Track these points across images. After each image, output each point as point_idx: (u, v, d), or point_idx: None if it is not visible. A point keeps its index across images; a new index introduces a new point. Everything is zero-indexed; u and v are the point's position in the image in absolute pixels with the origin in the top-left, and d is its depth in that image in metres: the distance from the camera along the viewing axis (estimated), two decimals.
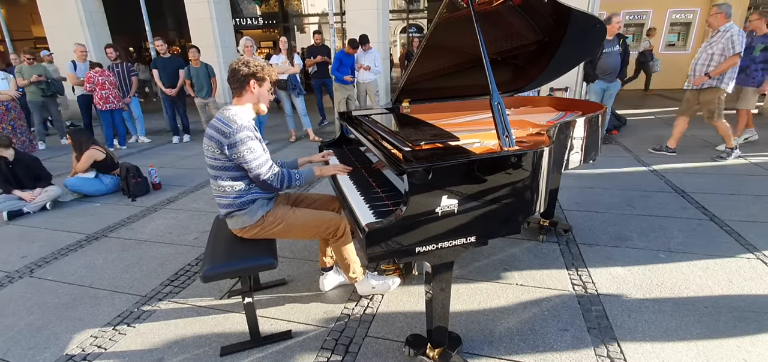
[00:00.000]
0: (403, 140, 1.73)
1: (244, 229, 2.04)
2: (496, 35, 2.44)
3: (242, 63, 1.97)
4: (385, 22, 8.82)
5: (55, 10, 9.29)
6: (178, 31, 14.87)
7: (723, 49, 4.43)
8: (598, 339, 2.02)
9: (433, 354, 1.84)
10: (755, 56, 4.94)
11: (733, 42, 4.35)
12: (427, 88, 2.73)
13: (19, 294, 2.64)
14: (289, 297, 2.49)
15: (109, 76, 6.26)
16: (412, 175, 1.45)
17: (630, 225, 3.25)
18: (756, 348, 1.93)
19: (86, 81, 6.16)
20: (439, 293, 1.72)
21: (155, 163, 5.06)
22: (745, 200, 3.63)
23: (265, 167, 1.95)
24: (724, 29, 4.47)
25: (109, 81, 6.24)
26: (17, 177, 4.02)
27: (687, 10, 11.02)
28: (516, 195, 1.63)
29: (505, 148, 1.67)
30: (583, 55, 2.93)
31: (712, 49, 4.55)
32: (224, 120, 1.89)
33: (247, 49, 5.71)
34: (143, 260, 3.00)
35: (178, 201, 4.22)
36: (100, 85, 6.16)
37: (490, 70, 1.80)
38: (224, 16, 9.48)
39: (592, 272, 2.60)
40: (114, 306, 2.46)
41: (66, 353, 2.08)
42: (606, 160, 4.96)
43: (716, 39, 4.53)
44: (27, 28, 13.97)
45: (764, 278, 2.47)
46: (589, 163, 2.57)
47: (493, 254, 2.84)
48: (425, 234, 1.53)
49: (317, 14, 14.70)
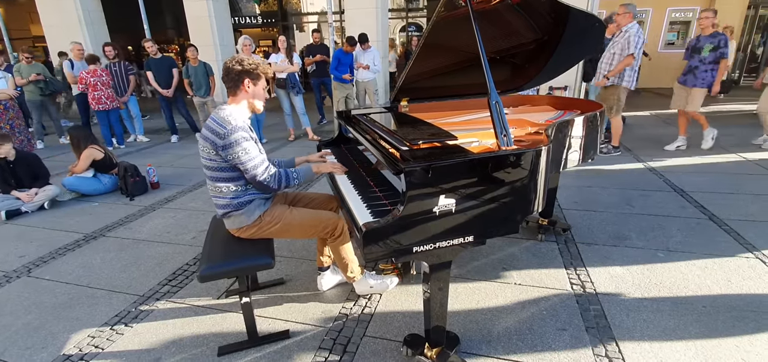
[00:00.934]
0: (400, 139, 1.72)
1: (242, 229, 2.04)
2: (494, 34, 2.43)
3: (236, 61, 1.95)
4: (384, 20, 8.80)
5: (54, 9, 9.26)
6: (176, 30, 14.83)
7: (622, 48, 4.57)
8: (596, 339, 2.02)
9: (431, 354, 1.84)
10: (704, 57, 4.86)
11: (628, 42, 4.50)
12: (425, 86, 2.72)
13: (16, 293, 2.63)
14: (287, 296, 2.48)
15: (101, 76, 6.19)
16: (410, 175, 1.45)
17: (629, 224, 3.24)
18: (754, 347, 1.93)
19: (79, 81, 6.14)
20: (437, 292, 1.71)
21: (153, 162, 5.05)
22: (744, 199, 3.63)
23: (260, 168, 1.94)
24: (625, 29, 4.59)
25: (101, 81, 6.16)
26: (17, 175, 4.02)
27: (686, 9, 11.01)
28: (514, 195, 1.62)
29: (503, 147, 1.66)
30: (582, 53, 2.93)
31: (613, 48, 4.70)
32: (219, 120, 1.87)
33: (246, 48, 5.70)
34: (141, 260, 3.00)
35: (176, 201, 4.21)
36: (92, 85, 6.11)
37: (488, 69, 1.79)
38: (223, 15, 9.46)
39: (591, 271, 2.60)
40: (111, 306, 2.45)
41: (63, 353, 2.07)
42: (605, 159, 4.96)
43: (618, 39, 4.67)
44: (25, 27, 13.95)
45: (763, 277, 2.47)
46: (587, 161, 2.57)
47: (491, 253, 2.84)
48: (423, 233, 1.52)
49: (316, 13, 14.68)
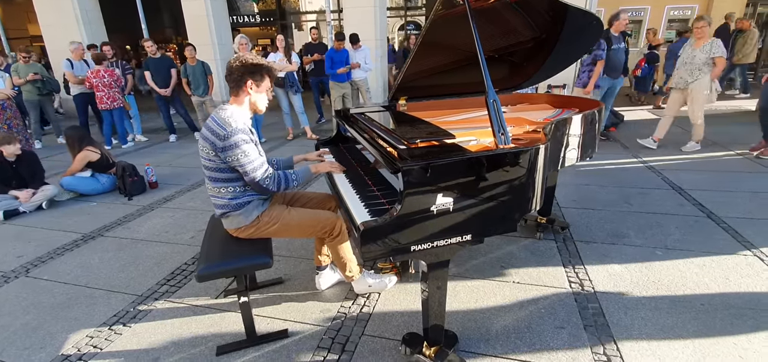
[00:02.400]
0: (398, 138, 1.72)
1: (240, 229, 2.03)
2: (492, 32, 2.43)
3: (240, 61, 1.91)
4: (382, 19, 8.79)
5: (51, 8, 9.23)
6: (174, 29, 14.80)
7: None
8: (594, 337, 2.02)
9: (430, 353, 1.84)
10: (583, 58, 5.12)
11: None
12: (423, 85, 2.72)
13: (14, 294, 2.62)
14: (285, 296, 2.48)
15: (104, 76, 6.22)
16: (408, 173, 1.44)
17: (627, 222, 3.25)
18: (752, 345, 1.93)
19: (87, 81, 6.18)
20: (436, 291, 1.71)
21: (152, 162, 5.04)
22: (742, 197, 3.64)
23: (260, 170, 1.92)
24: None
25: (102, 83, 6.20)
26: (19, 175, 4.02)
27: (685, 7, 11.03)
28: (512, 193, 1.62)
29: (500, 145, 1.66)
30: (581, 52, 2.93)
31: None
32: (219, 121, 1.85)
33: (242, 47, 5.68)
34: (139, 259, 2.99)
35: (174, 200, 4.20)
36: (95, 86, 6.18)
37: (485, 68, 1.79)
38: (221, 14, 9.44)
39: (589, 269, 2.60)
40: (110, 306, 2.45)
41: (62, 353, 2.07)
42: (603, 157, 4.97)
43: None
44: (23, 26, 13.91)
45: (761, 275, 2.47)
46: (585, 160, 2.57)
47: (490, 252, 2.84)
48: (421, 232, 1.52)
49: (315, 12, 14.64)
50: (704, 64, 4.72)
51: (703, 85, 4.79)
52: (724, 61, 4.70)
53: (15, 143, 4.01)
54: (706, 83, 4.78)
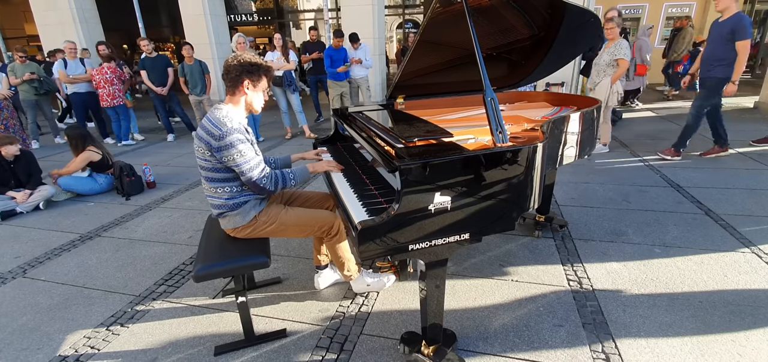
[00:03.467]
0: (396, 137, 1.71)
1: (237, 229, 2.02)
2: (490, 30, 2.42)
3: (238, 60, 1.90)
4: (380, 17, 8.78)
5: (48, 7, 9.20)
6: (171, 28, 14.74)
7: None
8: (593, 335, 2.02)
9: (428, 352, 1.83)
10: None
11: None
12: (421, 83, 2.71)
13: (12, 294, 2.61)
14: (283, 295, 2.47)
15: (106, 73, 6.25)
16: (405, 172, 1.44)
17: (625, 220, 3.25)
18: (750, 342, 1.93)
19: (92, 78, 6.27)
20: (434, 290, 1.71)
21: (149, 161, 5.02)
22: (740, 194, 3.64)
23: (256, 170, 1.91)
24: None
25: (105, 79, 6.27)
26: (17, 175, 4.01)
27: (683, 4, 11.03)
28: (510, 192, 1.62)
29: (498, 144, 1.66)
30: (579, 49, 2.92)
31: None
32: (214, 121, 1.84)
33: (240, 46, 5.66)
34: (137, 259, 2.98)
35: (172, 200, 4.19)
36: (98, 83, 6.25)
37: (483, 66, 1.78)
38: (219, 13, 9.42)
39: (588, 267, 2.60)
40: (107, 306, 2.44)
41: (59, 354, 2.06)
42: (602, 155, 4.97)
43: None
44: (20, 26, 13.86)
45: (759, 272, 2.48)
46: (584, 158, 2.57)
47: (488, 250, 2.84)
48: (419, 231, 1.51)
49: (313, 10, 14.61)
50: (608, 65, 4.68)
51: (604, 86, 4.73)
52: (626, 62, 4.59)
53: (15, 144, 4.01)
54: (606, 85, 4.72)
